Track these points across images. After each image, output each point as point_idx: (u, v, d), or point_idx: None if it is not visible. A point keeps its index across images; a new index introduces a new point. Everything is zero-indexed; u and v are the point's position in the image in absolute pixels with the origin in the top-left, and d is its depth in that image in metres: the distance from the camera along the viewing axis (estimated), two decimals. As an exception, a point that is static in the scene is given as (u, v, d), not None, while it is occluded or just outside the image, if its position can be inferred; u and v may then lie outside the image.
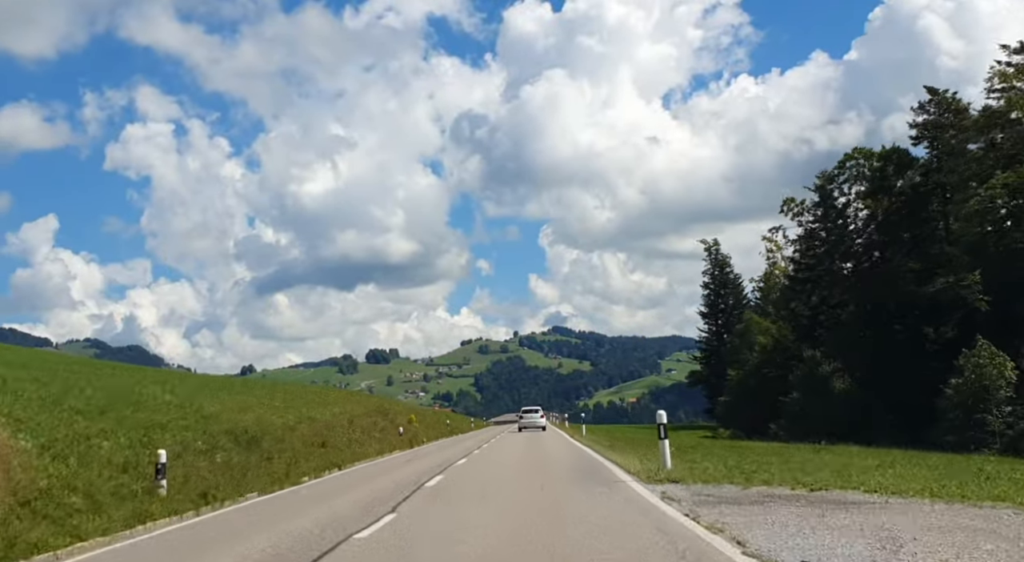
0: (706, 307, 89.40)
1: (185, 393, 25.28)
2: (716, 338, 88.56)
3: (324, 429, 27.42)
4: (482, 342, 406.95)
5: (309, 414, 29.18)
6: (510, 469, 22.36)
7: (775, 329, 73.02)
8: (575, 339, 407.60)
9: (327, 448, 25.24)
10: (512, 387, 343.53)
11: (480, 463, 24.73)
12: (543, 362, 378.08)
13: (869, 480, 14.67)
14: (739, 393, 73.52)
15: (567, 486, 16.37)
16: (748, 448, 33.98)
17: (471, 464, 24.16)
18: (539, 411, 62.31)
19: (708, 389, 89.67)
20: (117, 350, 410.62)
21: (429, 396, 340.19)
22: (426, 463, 24.77)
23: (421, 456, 29.40)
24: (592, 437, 43.49)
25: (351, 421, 32.20)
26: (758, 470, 17.70)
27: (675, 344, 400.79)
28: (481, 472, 21.34)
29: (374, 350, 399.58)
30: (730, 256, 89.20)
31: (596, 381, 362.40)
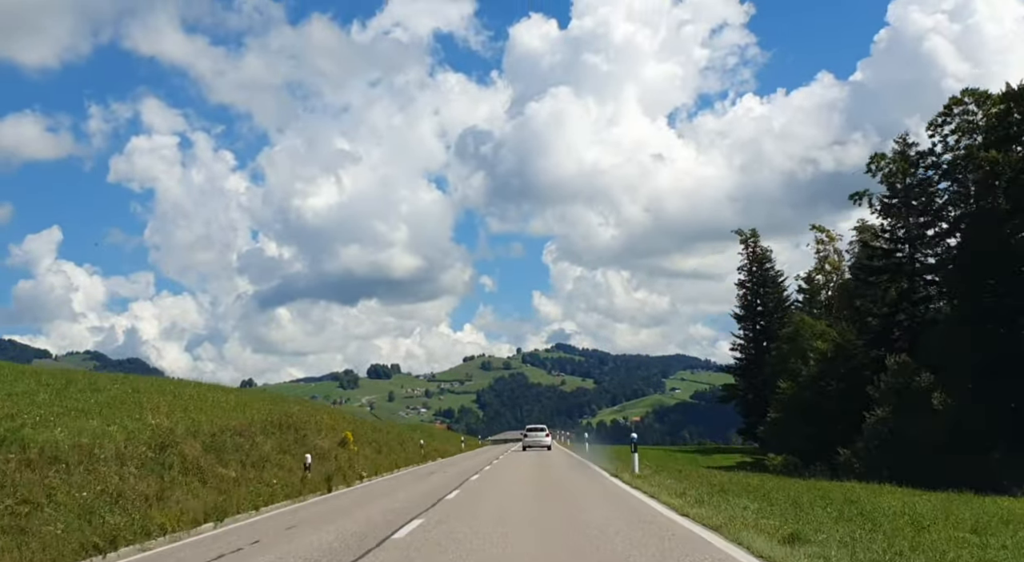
0: (742, 308, 74.02)
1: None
2: (754, 345, 73.13)
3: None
4: (484, 358, 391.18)
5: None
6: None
7: (835, 333, 57.62)
8: (578, 356, 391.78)
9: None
10: (514, 404, 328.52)
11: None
12: (546, 379, 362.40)
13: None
14: (792, 410, 58.05)
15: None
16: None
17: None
18: (544, 430, 55.81)
19: (744, 406, 74.10)
20: (116, 363, 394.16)
21: (431, 412, 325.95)
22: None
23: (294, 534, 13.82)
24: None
25: (215, 437, 17.06)
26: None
27: (679, 363, 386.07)
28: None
29: (376, 365, 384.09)
30: (771, 249, 73.99)
31: (599, 399, 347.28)
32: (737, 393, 74.53)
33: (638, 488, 19.59)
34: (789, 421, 57.72)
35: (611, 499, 17.68)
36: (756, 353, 72.60)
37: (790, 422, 57.62)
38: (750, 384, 72.40)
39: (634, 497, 17.69)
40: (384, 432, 35.61)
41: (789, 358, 62.54)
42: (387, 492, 19.87)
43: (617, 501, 17.11)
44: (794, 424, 57.14)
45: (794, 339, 62.41)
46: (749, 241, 73.28)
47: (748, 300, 73.25)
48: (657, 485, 19.66)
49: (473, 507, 15.74)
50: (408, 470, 30.47)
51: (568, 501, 17.27)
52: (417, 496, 18.00)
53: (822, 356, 57.14)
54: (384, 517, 14.12)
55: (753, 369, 72.31)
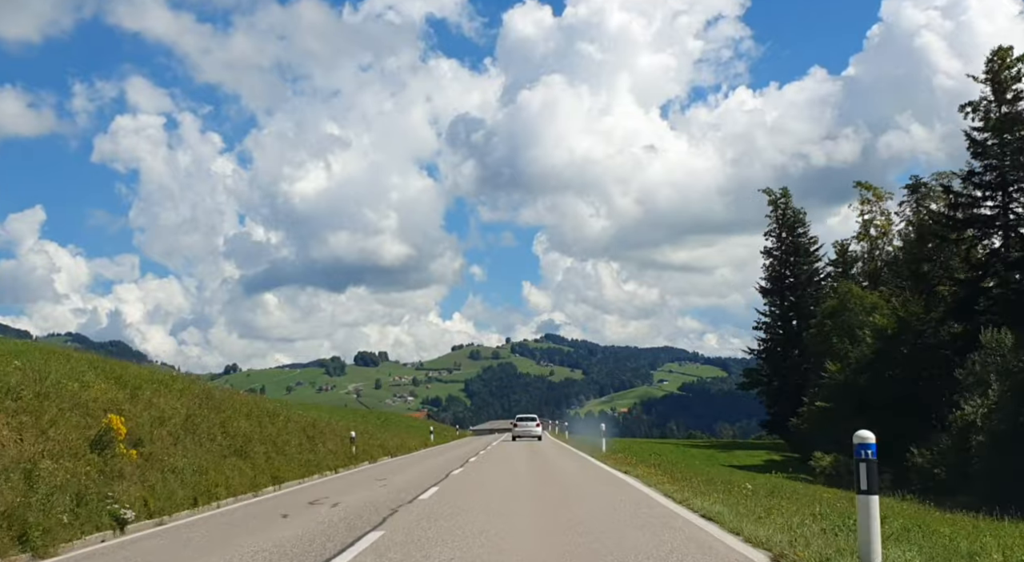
0: (768, 281, 61.55)
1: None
2: (782, 323, 60.78)
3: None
4: (473, 348, 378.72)
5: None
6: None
7: (896, 305, 45.30)
8: (567, 347, 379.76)
9: None
10: (503, 394, 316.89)
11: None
12: (535, 369, 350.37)
13: None
14: (842, 398, 45.76)
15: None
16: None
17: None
18: (535, 420, 51.12)
19: (769, 394, 61.71)
20: (99, 345, 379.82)
21: (418, 400, 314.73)
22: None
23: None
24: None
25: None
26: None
27: (667, 355, 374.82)
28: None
29: (363, 353, 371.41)
30: (804, 211, 61.48)
31: (587, 390, 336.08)
32: (760, 379, 62.18)
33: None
34: (838, 412, 45.40)
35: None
36: (784, 333, 60.30)
37: (839, 414, 45.29)
38: (776, 369, 60.09)
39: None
40: (292, 421, 22.95)
41: (831, 336, 50.27)
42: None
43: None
44: (844, 416, 44.87)
45: (839, 314, 50.07)
46: (779, 202, 60.89)
47: (776, 271, 60.88)
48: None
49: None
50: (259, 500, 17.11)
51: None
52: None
53: (880, 333, 44.87)
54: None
55: (780, 351, 60.02)
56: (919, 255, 46.43)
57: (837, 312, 49.97)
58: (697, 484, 17.15)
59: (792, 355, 58.76)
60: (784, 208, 60.50)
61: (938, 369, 41.79)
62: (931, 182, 53.89)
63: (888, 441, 38.66)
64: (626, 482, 17.92)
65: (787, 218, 60.49)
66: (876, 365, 44.54)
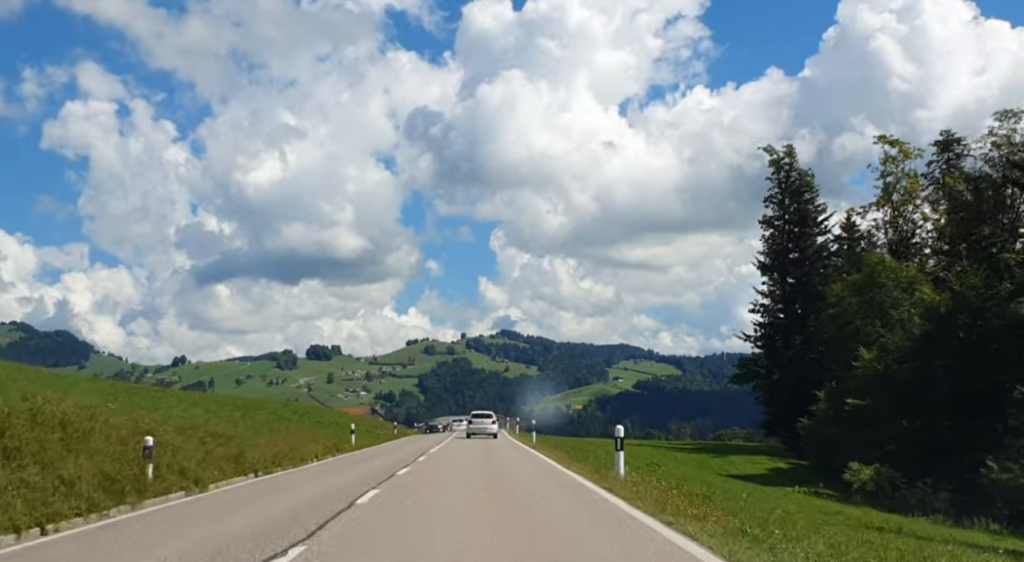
0: (768, 255, 50.89)
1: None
2: (783, 306, 50.25)
3: None
4: (428, 343, 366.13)
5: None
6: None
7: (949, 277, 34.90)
8: (523, 343, 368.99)
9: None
10: (457, 389, 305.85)
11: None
12: (490, 365, 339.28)
13: None
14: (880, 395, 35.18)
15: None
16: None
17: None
18: (491, 417, 46.88)
19: (766, 389, 51.07)
20: (44, 335, 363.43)
21: (371, 395, 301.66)
22: None
23: None
24: None
25: None
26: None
27: (622, 353, 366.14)
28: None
29: (315, 346, 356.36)
30: (812, 173, 50.81)
31: (543, 387, 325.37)
32: (757, 371, 51.47)
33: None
34: (874, 411, 34.86)
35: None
36: (787, 317, 49.74)
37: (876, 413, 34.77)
38: (776, 359, 49.46)
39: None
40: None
41: (855, 318, 39.79)
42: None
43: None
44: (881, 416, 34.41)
45: (867, 289, 39.56)
46: (782, 163, 50.29)
47: (777, 243, 50.22)
48: None
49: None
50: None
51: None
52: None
53: (930, 312, 34.44)
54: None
55: (781, 339, 49.44)
56: (974, 216, 36.09)
57: (865, 288, 39.39)
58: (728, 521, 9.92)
59: (795, 343, 48.20)
60: (788, 169, 49.94)
61: (1011, 356, 31.54)
62: (965, 139, 44.04)
63: (944, 447, 27.79)
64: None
65: (791, 182, 49.94)
66: (925, 352, 34.09)
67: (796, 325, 48.63)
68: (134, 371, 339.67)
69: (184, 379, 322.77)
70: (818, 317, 46.96)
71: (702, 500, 13.55)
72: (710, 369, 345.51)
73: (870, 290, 39.07)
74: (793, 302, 49.36)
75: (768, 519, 11.94)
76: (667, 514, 10.77)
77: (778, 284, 50.07)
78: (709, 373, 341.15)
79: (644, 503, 12.09)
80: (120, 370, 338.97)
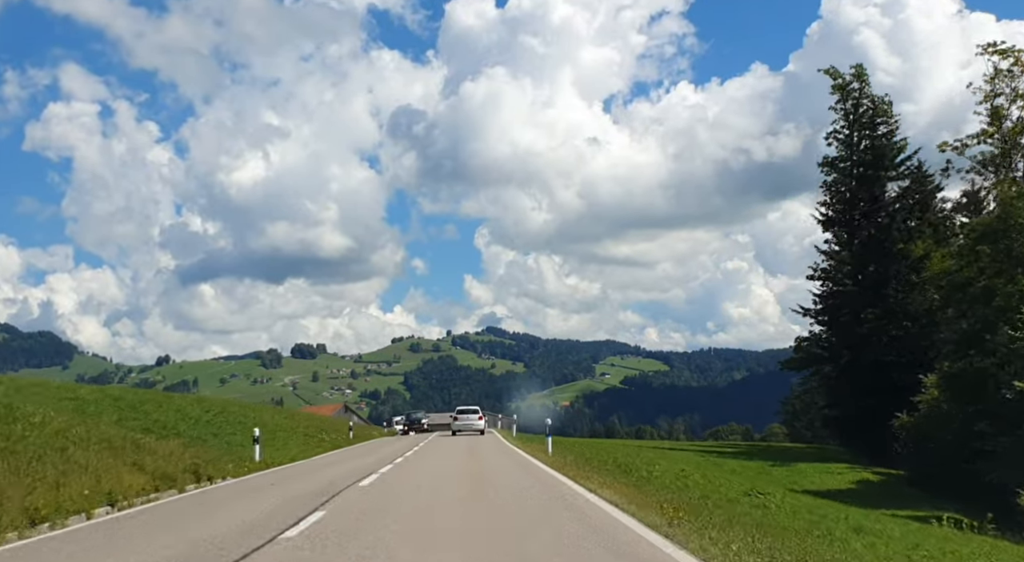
0: (831, 206, 38.79)
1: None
2: (853, 269, 38.11)
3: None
4: (414, 340, 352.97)
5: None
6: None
7: None
8: (509, 340, 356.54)
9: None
10: (443, 387, 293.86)
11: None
12: (476, 362, 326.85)
13: None
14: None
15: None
16: None
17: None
18: (477, 412, 42.42)
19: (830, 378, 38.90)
20: (28, 336, 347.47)
21: (356, 393, 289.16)
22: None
23: None
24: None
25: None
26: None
27: (609, 349, 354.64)
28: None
29: (300, 345, 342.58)
30: (890, 100, 38.66)
31: (529, 383, 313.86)
32: (818, 356, 39.24)
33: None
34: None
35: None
36: (857, 284, 37.58)
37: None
38: (845, 338, 37.26)
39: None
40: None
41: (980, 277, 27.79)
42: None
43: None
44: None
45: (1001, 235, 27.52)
46: (849, 89, 38.23)
47: (843, 192, 38.18)
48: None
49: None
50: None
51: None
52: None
53: None
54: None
55: (849, 312, 37.23)
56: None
57: (999, 234, 27.34)
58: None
59: (869, 317, 36.08)
60: (858, 97, 37.95)
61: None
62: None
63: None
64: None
65: (862, 112, 37.97)
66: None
67: (870, 294, 36.51)
68: (118, 371, 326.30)
69: (168, 379, 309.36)
70: (900, 283, 34.95)
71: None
72: (697, 364, 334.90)
73: (1006, 235, 27.04)
74: (865, 265, 37.25)
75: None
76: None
77: (845, 243, 37.95)
78: (696, 368, 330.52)
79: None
80: (104, 370, 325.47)
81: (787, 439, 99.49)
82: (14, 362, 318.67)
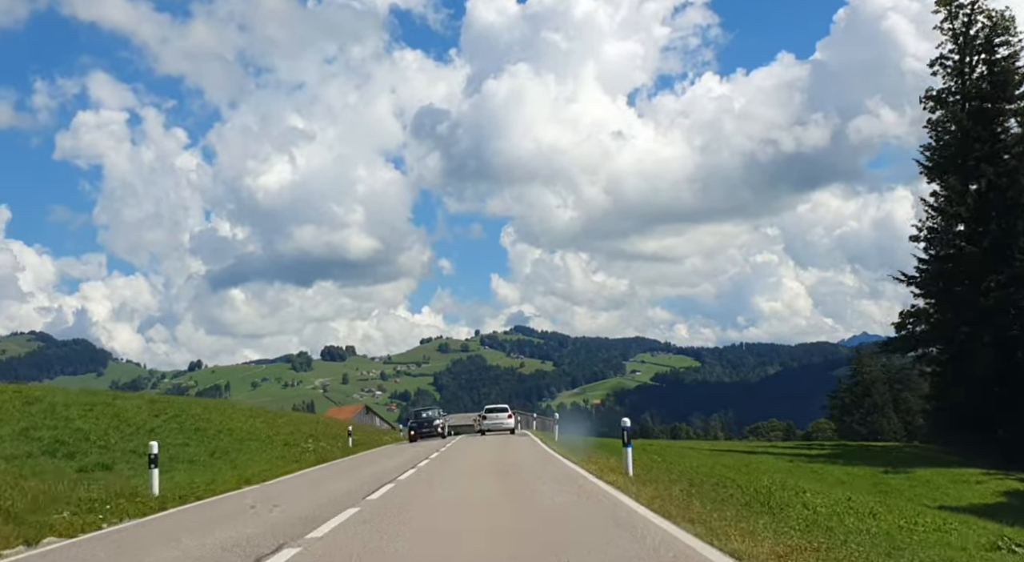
0: (937, 150, 30.89)
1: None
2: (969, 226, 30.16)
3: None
4: (442, 340, 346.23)
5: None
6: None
7: None
8: (537, 339, 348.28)
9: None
10: (472, 387, 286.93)
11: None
12: (505, 362, 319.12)
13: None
14: None
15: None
16: None
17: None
18: (507, 411, 40.00)
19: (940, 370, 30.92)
20: (62, 343, 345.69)
21: (386, 395, 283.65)
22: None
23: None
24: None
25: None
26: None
27: (638, 346, 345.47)
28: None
29: (330, 347, 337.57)
30: (1012, 14, 30.66)
31: (559, 381, 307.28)
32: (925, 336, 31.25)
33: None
34: None
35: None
36: (980, 243, 29.68)
37: None
38: (961, 312, 29.38)
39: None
40: None
41: None
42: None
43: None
44: None
45: None
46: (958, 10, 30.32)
47: (958, 129, 30.30)
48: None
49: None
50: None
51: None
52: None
53: None
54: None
55: (966, 280, 29.36)
56: None
57: None
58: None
59: (993, 287, 28.19)
60: (971, 13, 30.14)
61: None
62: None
63: None
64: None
65: (974, 35, 30.15)
66: None
67: (992, 257, 28.65)
68: (151, 377, 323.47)
69: (200, 384, 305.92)
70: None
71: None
72: (729, 360, 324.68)
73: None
74: (985, 221, 29.39)
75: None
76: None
77: (958, 195, 30.11)
78: (728, 364, 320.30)
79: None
80: (138, 376, 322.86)
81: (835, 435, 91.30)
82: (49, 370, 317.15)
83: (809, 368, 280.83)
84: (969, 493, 23.40)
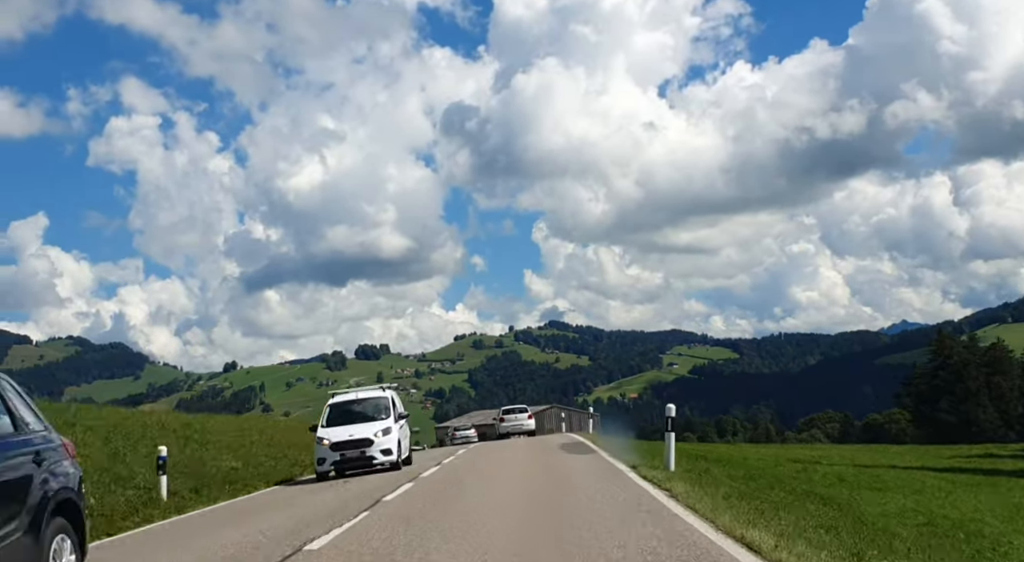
0: None
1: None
2: None
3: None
4: (476, 337, 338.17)
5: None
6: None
7: None
8: (572, 333, 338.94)
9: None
10: (507, 382, 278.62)
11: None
12: (539, 357, 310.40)
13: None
14: None
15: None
16: None
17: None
18: (526, 411, 41.81)
19: None
20: (99, 348, 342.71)
21: (421, 393, 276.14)
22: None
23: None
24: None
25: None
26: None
27: (674, 338, 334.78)
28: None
29: (364, 346, 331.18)
30: None
31: (595, 376, 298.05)
32: None
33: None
34: None
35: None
36: None
37: None
38: None
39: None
40: None
41: None
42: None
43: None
44: None
45: None
46: None
47: None
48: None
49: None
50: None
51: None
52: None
53: None
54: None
55: None
56: None
57: None
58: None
59: None
60: None
61: None
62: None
63: None
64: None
65: None
66: None
67: None
68: (187, 379, 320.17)
69: (236, 385, 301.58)
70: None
71: None
72: (768, 351, 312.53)
73: None
74: None
75: None
76: None
77: None
78: (767, 355, 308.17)
79: None
80: (174, 379, 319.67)
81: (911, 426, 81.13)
82: (87, 374, 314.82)
83: (850, 357, 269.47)
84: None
